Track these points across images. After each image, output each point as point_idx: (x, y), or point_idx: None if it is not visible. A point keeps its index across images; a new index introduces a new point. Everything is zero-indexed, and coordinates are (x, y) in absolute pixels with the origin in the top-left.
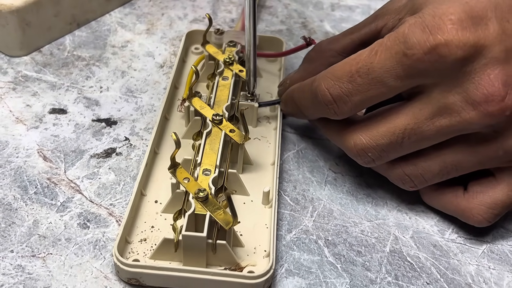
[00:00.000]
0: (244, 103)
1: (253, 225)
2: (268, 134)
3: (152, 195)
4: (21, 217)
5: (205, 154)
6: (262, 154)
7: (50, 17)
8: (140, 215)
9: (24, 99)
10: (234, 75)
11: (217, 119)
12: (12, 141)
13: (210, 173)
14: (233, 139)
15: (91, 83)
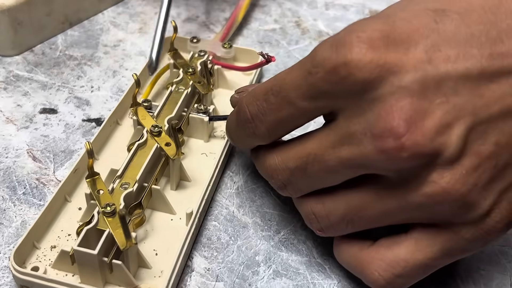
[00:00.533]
0: (195, 115)
1: (168, 246)
2: (218, 150)
3: (77, 202)
4: (9, 217)
5: (130, 166)
6: (204, 171)
7: (42, 16)
8: (58, 221)
9: (15, 99)
10: (191, 86)
11: (155, 131)
12: (1, 142)
13: (129, 186)
14: (166, 153)
15: (82, 83)
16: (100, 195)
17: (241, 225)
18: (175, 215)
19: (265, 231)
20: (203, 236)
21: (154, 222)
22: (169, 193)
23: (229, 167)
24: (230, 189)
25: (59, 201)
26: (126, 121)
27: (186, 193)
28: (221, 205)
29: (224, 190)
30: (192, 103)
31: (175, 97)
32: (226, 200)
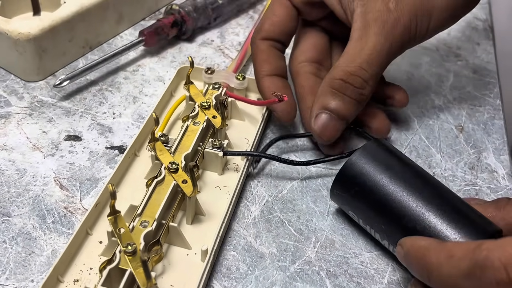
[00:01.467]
0: (210, 150)
1: (185, 282)
2: (232, 183)
3: (98, 235)
4: (40, 246)
5: (149, 204)
6: (218, 205)
7: (65, 43)
8: (80, 254)
9: (40, 126)
10: (207, 120)
11: (173, 168)
12: (30, 169)
13: (148, 225)
14: (183, 191)
15: (104, 109)
16: (122, 233)
17: (258, 255)
18: (191, 250)
19: (281, 261)
20: (223, 266)
21: (170, 257)
22: (185, 227)
23: (245, 196)
24: (247, 219)
25: (81, 235)
26: (143, 152)
27: (201, 227)
28: (239, 235)
29: (241, 220)
30: (207, 137)
31: (191, 132)
32: (243, 230)
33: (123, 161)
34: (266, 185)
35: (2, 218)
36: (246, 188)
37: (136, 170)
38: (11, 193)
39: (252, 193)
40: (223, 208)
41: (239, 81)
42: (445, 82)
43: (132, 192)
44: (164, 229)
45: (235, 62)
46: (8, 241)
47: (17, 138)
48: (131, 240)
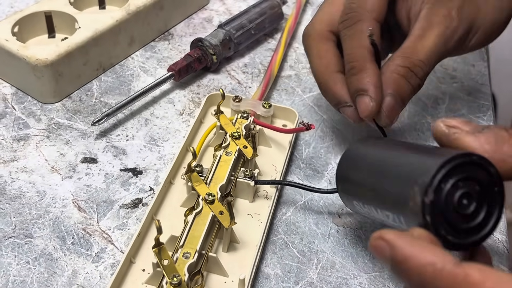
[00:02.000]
0: (242, 180)
1: None
2: (262, 211)
3: (141, 263)
4: (61, 267)
5: (190, 236)
6: (250, 233)
7: (80, 66)
8: (125, 283)
9: (57, 148)
10: (238, 150)
11: (210, 199)
12: (49, 191)
13: (190, 256)
14: (220, 221)
15: (118, 131)
16: (166, 265)
17: (264, 276)
18: (228, 277)
19: (285, 282)
20: None
21: (209, 284)
22: (221, 255)
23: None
24: None
25: (126, 264)
26: (178, 180)
27: (236, 255)
28: None
29: None
30: (238, 166)
31: (223, 163)
32: None
33: (160, 190)
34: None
35: (25, 239)
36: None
37: (172, 197)
38: (32, 215)
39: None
40: (255, 235)
41: (266, 109)
42: (441, 104)
43: (169, 220)
44: (204, 260)
45: (260, 90)
46: (31, 262)
47: (36, 160)
48: (175, 271)
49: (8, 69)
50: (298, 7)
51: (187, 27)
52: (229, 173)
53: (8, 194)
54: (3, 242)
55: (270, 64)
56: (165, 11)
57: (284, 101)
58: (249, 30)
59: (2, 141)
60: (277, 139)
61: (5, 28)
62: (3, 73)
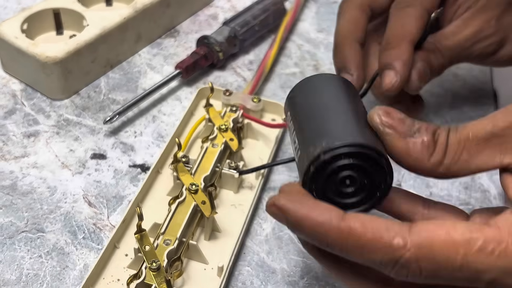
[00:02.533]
0: (226, 171)
1: None
2: (246, 202)
3: (125, 249)
4: (73, 261)
5: (171, 223)
6: (233, 223)
7: (88, 63)
8: (109, 267)
9: (67, 144)
10: (224, 143)
11: (193, 189)
12: (60, 187)
13: (170, 243)
14: (202, 210)
15: (126, 128)
16: (147, 250)
17: (271, 271)
18: (208, 264)
19: (291, 277)
20: (238, 281)
21: (189, 271)
22: (202, 243)
23: (258, 214)
24: (260, 236)
25: (109, 249)
26: (165, 170)
27: (217, 243)
28: (253, 251)
29: (254, 237)
30: (224, 158)
31: (209, 154)
32: (257, 246)
33: (147, 179)
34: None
35: (37, 234)
36: (259, 206)
37: (159, 186)
38: (44, 210)
39: (264, 211)
40: (237, 225)
41: (255, 103)
42: (443, 102)
43: (155, 208)
44: (184, 247)
45: (250, 84)
46: (44, 256)
47: (46, 156)
48: (155, 257)
49: (18, 66)
50: (296, 4)
51: (193, 24)
52: (214, 164)
53: (19, 189)
54: (16, 237)
55: (264, 60)
56: (172, 8)
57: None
58: (253, 27)
59: (13, 137)
60: (265, 133)
61: (14, 25)
62: (13, 69)
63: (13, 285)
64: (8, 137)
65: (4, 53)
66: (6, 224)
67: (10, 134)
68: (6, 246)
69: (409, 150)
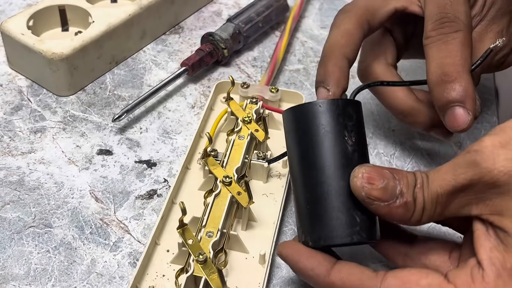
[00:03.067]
0: (255, 162)
1: (247, 283)
2: (276, 191)
3: (165, 244)
4: (80, 256)
5: (211, 216)
6: (267, 212)
7: (94, 60)
8: (152, 264)
9: (73, 140)
10: (250, 134)
11: (227, 181)
12: (66, 182)
13: (213, 235)
14: (238, 201)
15: (131, 124)
16: (191, 244)
17: (276, 266)
18: (249, 253)
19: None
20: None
21: (231, 261)
22: (240, 233)
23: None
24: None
25: (151, 246)
26: (194, 165)
27: (254, 232)
28: None
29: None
30: (251, 149)
31: (237, 146)
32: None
33: (179, 175)
34: None
35: (45, 229)
36: (290, 198)
37: (190, 182)
38: (51, 205)
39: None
40: (271, 213)
41: (273, 93)
42: None
43: (188, 203)
44: (226, 237)
45: (266, 75)
46: (51, 251)
47: (53, 152)
48: (200, 250)
49: (24, 62)
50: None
51: (197, 21)
52: (243, 155)
53: (27, 185)
54: (24, 232)
55: (275, 51)
56: (176, 5)
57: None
58: (257, 23)
59: (19, 133)
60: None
61: (21, 21)
62: (19, 66)
63: (21, 279)
64: (14, 133)
65: (10, 50)
66: (14, 219)
67: (17, 130)
68: (14, 241)
69: (392, 214)
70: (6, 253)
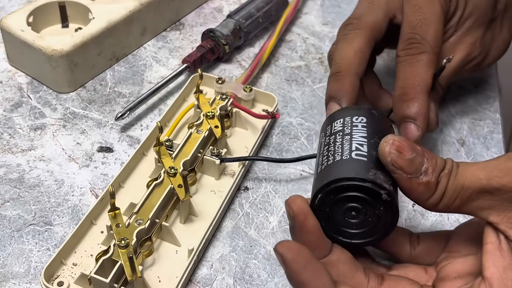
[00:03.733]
0: (208, 157)
1: (170, 275)
2: (226, 189)
3: (101, 226)
4: None
5: (146, 204)
6: (210, 208)
7: (94, 56)
8: (84, 242)
9: (74, 137)
10: (209, 129)
11: (171, 172)
12: (67, 180)
13: (142, 223)
14: (177, 194)
15: (132, 121)
16: (118, 229)
17: (277, 264)
18: (180, 247)
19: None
20: (245, 274)
21: (161, 251)
22: (178, 226)
23: (264, 207)
24: (267, 229)
25: (86, 225)
26: (151, 152)
27: (193, 227)
28: (259, 244)
29: (261, 230)
30: (208, 144)
31: (193, 139)
32: (263, 239)
33: (130, 160)
34: (283, 196)
35: (45, 226)
36: (265, 199)
37: (142, 169)
38: (51, 203)
39: (271, 204)
40: (214, 210)
41: (246, 92)
42: (448, 95)
43: (136, 190)
44: (156, 227)
45: (245, 74)
46: (51, 249)
47: (53, 149)
48: (125, 235)
49: (23, 58)
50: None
51: (198, 17)
52: (196, 149)
53: (27, 182)
54: (24, 229)
55: (261, 51)
56: (177, 1)
57: (294, 91)
58: (257, 19)
59: (19, 130)
60: (254, 123)
61: (20, 18)
62: (18, 62)
63: (21, 277)
64: (14, 130)
65: (10, 46)
66: (14, 217)
67: (17, 127)
68: (14, 239)
69: (412, 189)
70: (6, 251)
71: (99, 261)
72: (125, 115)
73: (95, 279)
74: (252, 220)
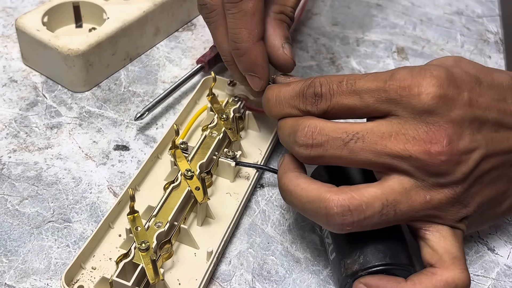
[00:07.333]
0: (223, 160)
1: (190, 278)
2: (241, 191)
3: (119, 229)
4: None
5: (164, 207)
6: (227, 210)
7: (109, 56)
8: (102, 245)
9: (90, 135)
10: (223, 132)
11: (188, 175)
12: (84, 177)
13: (161, 225)
14: (195, 197)
15: (147, 120)
16: (138, 232)
17: (295, 260)
18: (199, 249)
19: (315, 266)
20: (263, 270)
21: (180, 254)
22: (195, 228)
23: (281, 204)
24: (283, 226)
25: (103, 228)
26: (165, 155)
27: (210, 229)
28: (277, 241)
29: (278, 227)
30: (222, 147)
31: (208, 142)
32: (280, 236)
33: (146, 163)
34: None
35: (63, 223)
36: (280, 197)
37: (157, 171)
38: (69, 200)
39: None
40: (231, 212)
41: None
42: None
43: (152, 192)
44: (175, 230)
45: None
46: (71, 245)
47: (70, 147)
48: (145, 238)
49: (39, 58)
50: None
51: None
52: (212, 152)
53: (44, 180)
54: (43, 226)
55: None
56: (189, 1)
57: None
58: None
59: (36, 129)
60: (267, 125)
61: (36, 18)
62: (33, 62)
63: (42, 273)
64: (31, 128)
65: (25, 46)
66: (32, 214)
67: (33, 125)
68: (34, 236)
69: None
70: (26, 247)
71: (120, 265)
72: (144, 115)
73: (117, 282)
74: (269, 217)
